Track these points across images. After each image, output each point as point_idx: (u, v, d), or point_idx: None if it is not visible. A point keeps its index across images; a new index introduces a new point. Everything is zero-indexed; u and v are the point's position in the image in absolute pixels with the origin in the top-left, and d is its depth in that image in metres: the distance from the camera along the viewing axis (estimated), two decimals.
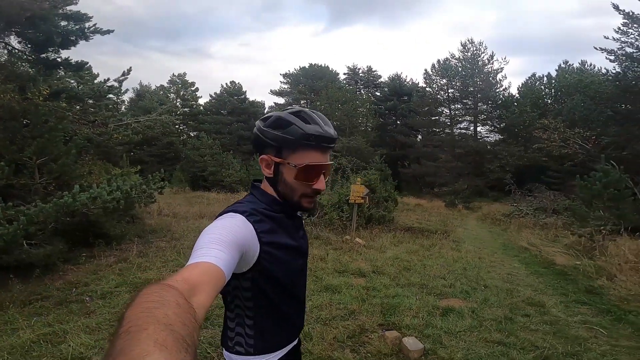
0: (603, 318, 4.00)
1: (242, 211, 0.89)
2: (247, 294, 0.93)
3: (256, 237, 0.87)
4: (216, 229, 0.81)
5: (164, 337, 0.39)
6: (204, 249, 0.73)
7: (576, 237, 7.14)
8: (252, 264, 0.88)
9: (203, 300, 0.62)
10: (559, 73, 27.57)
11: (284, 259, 0.95)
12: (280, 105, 40.09)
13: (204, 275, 0.66)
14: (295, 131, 0.91)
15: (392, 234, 8.53)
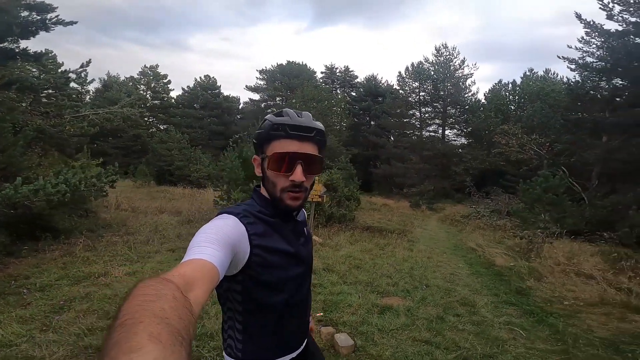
0: (526, 319, 4.13)
1: (236, 213, 0.90)
2: (237, 297, 0.93)
3: (247, 239, 0.87)
4: (210, 229, 0.82)
5: (158, 330, 0.40)
6: (198, 247, 0.75)
7: (518, 239, 7.62)
8: (242, 266, 0.88)
9: (199, 296, 0.63)
10: (523, 80, 28.99)
11: (278, 264, 0.93)
12: (255, 101, 39.77)
13: (198, 271, 0.67)
14: (266, 124, 0.96)
15: (350, 233, 8.76)
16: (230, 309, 0.96)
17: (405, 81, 31.16)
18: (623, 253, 6.28)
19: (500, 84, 29.68)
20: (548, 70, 29.57)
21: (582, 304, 4.55)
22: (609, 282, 5.08)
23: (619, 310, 4.32)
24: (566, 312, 4.34)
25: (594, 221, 9.80)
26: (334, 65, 41.29)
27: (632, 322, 3.99)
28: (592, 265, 5.74)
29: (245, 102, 40.73)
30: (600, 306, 4.45)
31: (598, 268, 5.58)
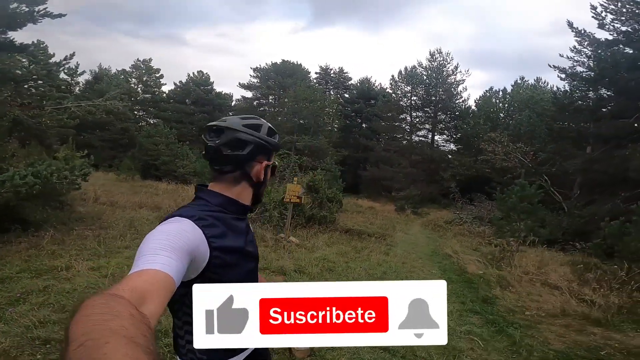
0: (487, 329, 4.10)
1: (190, 215, 0.86)
2: None
3: (206, 242, 0.85)
4: (162, 234, 0.77)
5: (131, 350, 0.37)
6: (150, 255, 0.69)
7: (492, 247, 7.71)
8: (201, 270, 0.85)
9: (154, 310, 0.59)
10: (514, 88, 29.32)
11: (235, 262, 0.94)
12: (248, 99, 39.61)
13: (152, 283, 0.63)
14: (277, 137, 1.10)
15: (329, 235, 8.76)
16: (187, 314, 0.92)
17: (398, 85, 31.36)
18: (592, 264, 6.37)
19: (492, 91, 30.08)
20: (539, 79, 30.01)
21: (544, 314, 4.57)
22: (573, 293, 5.12)
23: (579, 322, 4.32)
24: (527, 322, 4.33)
25: (571, 231, 9.96)
26: (328, 66, 41.30)
27: (590, 334, 4.00)
28: (559, 275, 5.81)
29: (237, 99, 40.55)
30: (561, 317, 4.44)
31: (565, 278, 5.65)
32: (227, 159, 0.99)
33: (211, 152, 0.99)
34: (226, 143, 0.98)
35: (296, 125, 28.66)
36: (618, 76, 12.20)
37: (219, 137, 0.98)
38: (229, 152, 0.98)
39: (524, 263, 6.51)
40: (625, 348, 3.65)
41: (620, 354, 3.54)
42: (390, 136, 30.89)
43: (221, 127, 0.99)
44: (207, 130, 1.02)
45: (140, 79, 34.31)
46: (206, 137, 1.01)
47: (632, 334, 4.08)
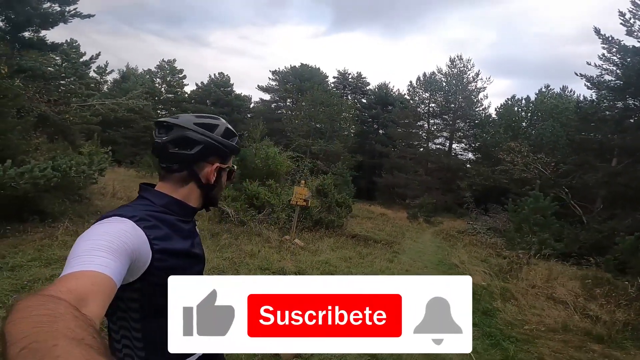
0: (482, 342, 4.00)
1: (131, 216, 0.81)
2: (133, 304, 0.85)
3: (148, 244, 0.81)
4: (100, 235, 0.73)
5: (86, 352, 0.35)
6: (86, 257, 0.65)
7: (501, 259, 7.51)
8: (141, 273, 0.81)
9: (96, 311, 0.56)
10: (537, 97, 28.27)
11: (179, 265, 0.89)
12: (266, 101, 40.17)
13: (91, 285, 0.60)
14: (237, 142, 1.04)
15: (335, 239, 8.75)
16: (123, 318, 0.88)
17: (416, 91, 31.03)
18: (604, 279, 6.12)
19: (514, 99, 29.15)
20: (565, 87, 28.83)
21: (544, 329, 4.41)
22: (578, 308, 4.93)
23: (580, 338, 4.18)
24: (524, 336, 4.21)
25: (588, 245, 9.57)
26: (346, 71, 41.37)
27: (590, 351, 3.86)
28: (567, 289, 5.60)
29: (256, 101, 41.22)
30: (562, 333, 4.30)
31: (572, 293, 5.44)
32: (174, 157, 0.93)
33: (157, 149, 0.94)
34: (173, 140, 0.93)
35: (312, 129, 28.82)
36: None
37: (167, 134, 0.93)
38: (175, 151, 0.93)
39: (531, 276, 6.32)
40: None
41: None
42: (407, 143, 30.56)
43: (170, 123, 0.94)
44: (157, 126, 0.96)
45: (165, 79, 35.50)
46: (155, 133, 0.96)
47: (633, 351, 3.94)
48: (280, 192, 9.71)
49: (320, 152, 26.77)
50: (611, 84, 13.36)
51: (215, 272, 5.38)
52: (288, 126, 29.32)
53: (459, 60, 29.52)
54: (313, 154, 26.79)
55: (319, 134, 28.76)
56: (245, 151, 11.84)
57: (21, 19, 8.05)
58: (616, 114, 11.91)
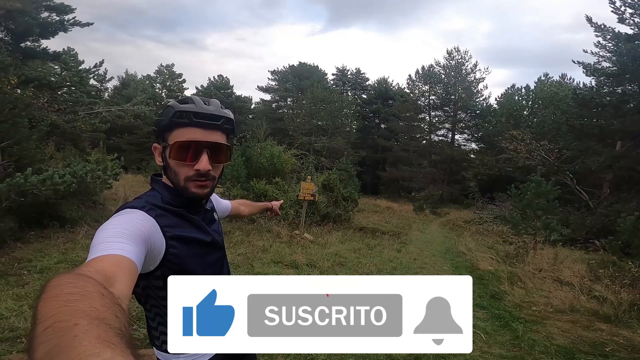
0: (491, 323, 4.09)
1: (141, 206, 0.84)
2: (161, 292, 0.87)
3: (160, 232, 0.83)
4: (115, 224, 0.75)
5: (104, 332, 0.36)
6: (106, 244, 0.67)
7: (507, 245, 7.65)
8: (160, 260, 0.84)
9: (123, 290, 0.57)
10: (537, 85, 28.31)
11: (195, 252, 0.92)
12: (266, 101, 40.33)
13: (117, 266, 0.61)
14: (168, 112, 0.91)
15: (343, 233, 8.94)
16: (155, 306, 0.91)
17: (415, 84, 31.10)
18: (610, 261, 6.22)
19: (514, 88, 29.14)
20: (564, 75, 28.83)
21: (552, 310, 4.50)
22: (584, 289, 5.01)
23: (587, 318, 4.25)
24: (533, 317, 4.30)
25: (595, 229, 9.68)
26: (345, 68, 41.45)
27: (597, 330, 3.92)
28: (573, 272, 5.72)
29: (256, 102, 41.42)
30: (569, 313, 4.38)
31: (578, 275, 5.56)
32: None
33: None
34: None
35: (314, 127, 28.98)
36: None
37: None
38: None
39: (538, 260, 6.44)
40: (630, 344, 3.60)
41: (625, 350, 3.49)
42: (409, 136, 30.65)
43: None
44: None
45: (164, 84, 35.79)
46: None
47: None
48: (287, 189, 9.92)
49: (323, 149, 26.95)
50: (608, 70, 13.41)
51: (231, 267, 5.61)
52: (290, 125, 29.49)
53: (456, 52, 29.53)
54: (316, 151, 26.97)
55: (321, 131, 28.91)
56: (251, 151, 12.05)
57: (21, 29, 8.18)
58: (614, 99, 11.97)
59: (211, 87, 35.63)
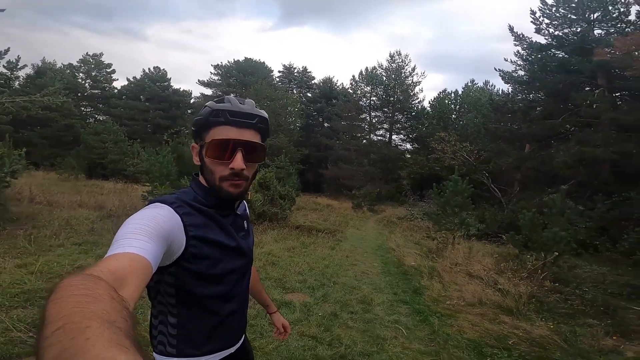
0: (412, 318, 4.18)
1: (170, 202, 0.84)
2: (170, 289, 0.88)
3: (183, 230, 0.83)
4: (139, 219, 0.75)
5: (115, 335, 0.36)
6: (126, 240, 0.68)
7: (431, 240, 8.22)
8: (177, 257, 0.83)
9: (132, 293, 0.57)
10: (464, 91, 31.15)
11: (215, 256, 0.90)
12: (207, 96, 38.79)
13: (129, 266, 0.62)
14: (205, 111, 0.92)
15: (278, 231, 8.87)
16: (162, 303, 0.91)
17: (358, 85, 32.19)
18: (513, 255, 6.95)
19: (445, 93, 31.67)
20: (487, 82, 32.15)
21: (464, 303, 4.66)
22: (491, 282, 5.37)
23: (493, 311, 4.41)
24: (448, 311, 4.45)
25: (504, 225, 10.82)
26: (292, 65, 41.45)
27: (502, 323, 4.08)
28: (482, 265, 6.24)
29: (196, 96, 39.66)
30: (478, 306, 4.54)
31: (485, 269, 6.06)
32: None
33: None
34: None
35: None
36: (548, 79, 13.38)
37: None
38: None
39: (454, 255, 6.97)
40: (530, 337, 3.75)
41: (525, 343, 3.63)
42: (351, 135, 31.61)
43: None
44: None
45: (89, 74, 32.56)
46: None
47: (537, 323, 4.19)
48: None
49: None
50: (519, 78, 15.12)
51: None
52: None
53: (397, 55, 31.09)
54: None
55: None
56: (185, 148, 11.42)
57: None
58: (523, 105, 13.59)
59: (145, 79, 33.14)
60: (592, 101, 11.71)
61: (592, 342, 3.74)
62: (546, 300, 5.03)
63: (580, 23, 15.17)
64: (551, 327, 4.05)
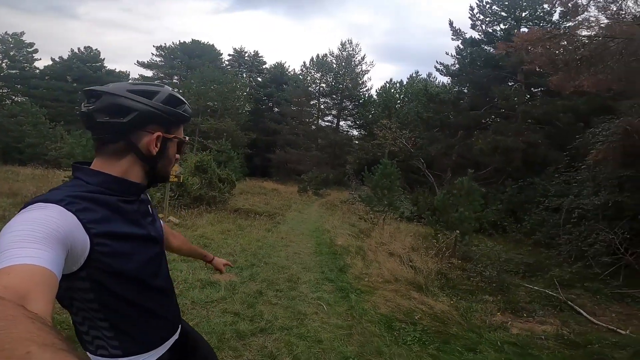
0: (335, 295, 4.29)
1: (58, 200, 0.72)
2: (87, 295, 0.79)
3: (82, 229, 0.73)
4: (23, 224, 0.64)
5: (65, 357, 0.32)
6: (13, 250, 0.57)
7: (363, 221, 8.74)
8: (84, 261, 0.74)
9: (43, 309, 0.50)
10: (409, 81, 32.76)
11: (128, 250, 0.83)
12: (147, 78, 36.56)
13: (29, 279, 0.53)
14: (186, 110, 0.96)
15: (215, 215, 8.80)
16: (83, 309, 0.82)
17: (309, 71, 32.30)
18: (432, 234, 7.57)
19: (391, 82, 32.98)
20: (430, 74, 34.05)
21: (381, 280, 4.89)
22: (406, 260, 5.70)
23: (405, 287, 4.64)
24: (367, 288, 4.65)
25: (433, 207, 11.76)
26: (243, 49, 40.27)
27: (411, 299, 4.30)
28: (402, 244, 6.73)
29: (134, 78, 37.15)
30: (393, 283, 4.76)
31: (404, 247, 6.49)
32: (104, 127, 0.85)
33: (84, 119, 0.87)
34: (102, 109, 0.85)
35: (202, 108, 27.38)
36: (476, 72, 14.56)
37: (95, 103, 0.85)
38: (106, 119, 0.85)
39: (380, 235, 7.47)
40: (432, 312, 3.98)
41: (428, 317, 3.85)
42: (299, 120, 31.79)
43: (99, 91, 0.86)
44: (85, 95, 0.88)
45: (7, 54, 29.24)
46: (83, 103, 0.89)
47: (441, 298, 4.46)
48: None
49: (210, 131, 25.74)
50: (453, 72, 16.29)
51: None
52: None
53: (349, 44, 31.57)
54: (203, 132, 25.59)
55: (211, 112, 27.55)
56: None
57: None
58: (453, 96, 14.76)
59: (74, 59, 30.51)
60: (509, 95, 13.07)
61: (484, 317, 3.99)
62: (451, 276, 5.32)
63: (509, 21, 16.56)
64: (452, 303, 4.33)
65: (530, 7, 16.36)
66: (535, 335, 3.64)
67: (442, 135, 15.38)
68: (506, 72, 14.50)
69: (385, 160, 8.63)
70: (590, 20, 6.22)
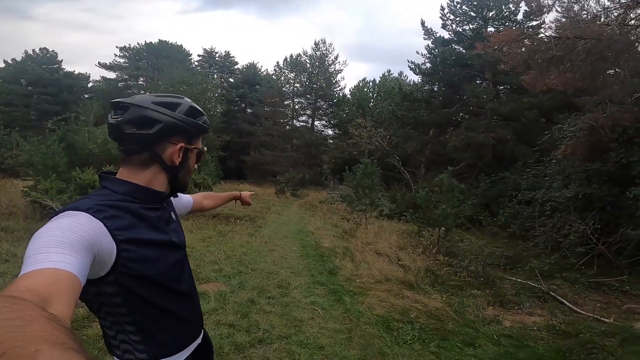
0: (328, 299, 4.26)
1: (86, 208, 0.76)
2: (115, 299, 0.83)
3: (109, 236, 0.76)
4: (52, 231, 0.67)
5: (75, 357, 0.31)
6: (42, 255, 0.60)
7: (347, 222, 8.74)
8: (111, 266, 0.77)
9: (62, 312, 0.51)
10: (381, 80, 33.24)
11: (152, 256, 0.87)
12: (110, 80, 34.95)
13: (53, 283, 0.55)
14: (205, 121, 1.00)
15: (193, 221, 8.52)
16: (111, 314, 0.86)
17: (282, 71, 32.06)
18: (415, 231, 7.71)
19: (364, 81, 33.39)
20: (401, 72, 34.80)
21: (373, 281, 4.89)
22: (394, 259, 5.74)
23: (397, 286, 4.66)
24: (359, 289, 4.64)
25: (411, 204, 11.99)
26: (213, 50, 39.33)
27: (405, 298, 4.33)
28: (388, 243, 6.76)
29: (96, 80, 35.47)
30: (385, 283, 4.77)
31: (391, 246, 6.56)
32: (132, 138, 0.89)
33: (113, 130, 0.91)
34: (129, 120, 0.88)
35: None
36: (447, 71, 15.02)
37: (123, 115, 0.89)
38: (133, 131, 0.88)
39: (365, 234, 7.49)
40: (427, 310, 4.01)
41: (424, 315, 3.89)
42: (274, 121, 31.46)
43: (126, 103, 0.90)
44: (112, 107, 0.92)
45: None
46: (110, 115, 0.92)
47: (433, 295, 4.49)
48: None
49: None
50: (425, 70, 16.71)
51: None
52: None
53: (322, 44, 31.54)
54: None
55: None
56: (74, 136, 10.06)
57: None
58: (426, 95, 15.15)
59: (28, 61, 28.66)
60: (478, 92, 13.60)
61: (476, 312, 4.06)
62: (440, 273, 5.40)
63: (478, 20, 17.19)
64: (444, 299, 4.38)
65: (496, 7, 17.05)
66: (527, 327, 3.77)
67: (415, 133, 15.75)
68: (475, 71, 15.06)
69: (365, 159, 8.67)
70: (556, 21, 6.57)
